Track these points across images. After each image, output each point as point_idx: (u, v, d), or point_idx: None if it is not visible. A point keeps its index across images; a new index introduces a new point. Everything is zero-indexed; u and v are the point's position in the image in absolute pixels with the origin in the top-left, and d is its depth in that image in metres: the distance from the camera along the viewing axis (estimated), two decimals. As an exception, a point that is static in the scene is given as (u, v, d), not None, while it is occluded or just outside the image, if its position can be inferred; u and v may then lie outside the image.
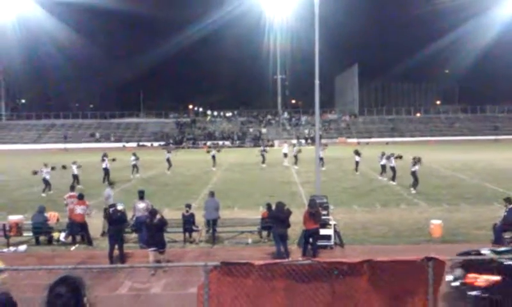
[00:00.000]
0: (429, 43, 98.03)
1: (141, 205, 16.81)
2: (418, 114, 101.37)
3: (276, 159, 44.18)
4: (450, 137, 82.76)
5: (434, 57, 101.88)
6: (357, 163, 35.60)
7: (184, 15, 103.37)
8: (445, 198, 24.70)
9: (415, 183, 26.88)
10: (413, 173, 27.02)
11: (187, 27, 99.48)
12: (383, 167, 32.23)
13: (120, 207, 15.22)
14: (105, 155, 33.26)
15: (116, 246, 14.58)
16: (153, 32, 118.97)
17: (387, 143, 75.32)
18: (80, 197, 17.56)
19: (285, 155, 42.68)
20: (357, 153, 35.68)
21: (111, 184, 20.87)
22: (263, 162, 41.77)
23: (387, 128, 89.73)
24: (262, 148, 46.02)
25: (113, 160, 37.32)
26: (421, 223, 18.78)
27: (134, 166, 36.04)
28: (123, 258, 14.60)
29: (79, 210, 16.95)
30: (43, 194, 27.80)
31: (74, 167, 30.92)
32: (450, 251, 14.43)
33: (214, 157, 40.93)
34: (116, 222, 14.71)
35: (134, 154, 36.77)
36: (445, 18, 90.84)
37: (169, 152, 40.55)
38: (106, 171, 32.68)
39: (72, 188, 20.96)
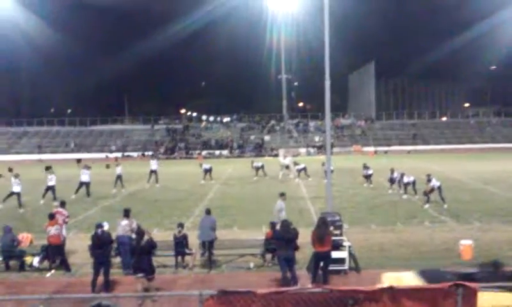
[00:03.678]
0: (457, 36, 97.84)
1: (124, 222, 16.74)
2: (443, 118, 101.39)
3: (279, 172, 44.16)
4: (480, 144, 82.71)
5: (462, 52, 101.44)
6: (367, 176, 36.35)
7: (175, 7, 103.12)
8: (476, 215, 24.63)
9: (428, 198, 27.40)
10: (425, 192, 27.66)
11: (178, 20, 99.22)
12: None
13: (106, 227, 15.27)
14: (87, 166, 33.63)
15: (102, 272, 14.59)
16: (139, 26, 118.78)
17: (409, 152, 75.33)
18: (51, 217, 17.49)
19: (287, 167, 43.55)
20: (366, 167, 36.75)
21: (282, 195, 19.91)
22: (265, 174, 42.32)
23: (408, 135, 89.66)
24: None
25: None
26: (449, 244, 18.75)
27: (118, 178, 36.18)
28: (108, 285, 14.59)
29: (53, 230, 16.91)
30: (21, 210, 28.28)
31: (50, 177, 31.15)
32: (483, 276, 14.41)
33: (206, 169, 41.09)
34: (103, 244, 14.74)
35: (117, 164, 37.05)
36: (474, 7, 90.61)
37: (155, 158, 40.63)
38: (87, 184, 32.95)
39: (62, 203, 20.67)
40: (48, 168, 31.82)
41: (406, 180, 30.87)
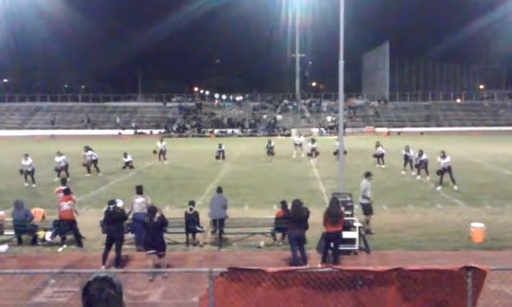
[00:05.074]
0: (472, 17, 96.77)
1: (139, 200, 16.83)
2: (458, 100, 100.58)
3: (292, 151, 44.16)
4: (495, 127, 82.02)
5: (477, 34, 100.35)
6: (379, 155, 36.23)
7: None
8: (488, 198, 24.48)
9: (441, 180, 27.37)
10: (439, 171, 27.53)
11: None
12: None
13: (119, 204, 15.35)
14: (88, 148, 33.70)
15: (114, 247, 14.72)
16: (153, 4, 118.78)
17: (422, 133, 74.93)
18: (67, 191, 17.60)
19: (301, 145, 43.33)
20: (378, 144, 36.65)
21: (368, 175, 19.34)
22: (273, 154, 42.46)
23: (422, 116, 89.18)
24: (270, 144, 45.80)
25: None
26: (460, 226, 18.68)
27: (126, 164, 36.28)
28: (119, 261, 14.69)
29: (65, 206, 17.01)
30: (34, 185, 28.73)
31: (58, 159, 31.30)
32: (493, 258, 14.39)
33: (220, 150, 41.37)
34: (116, 220, 14.85)
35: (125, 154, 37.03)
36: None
37: (163, 140, 40.92)
38: (95, 161, 33.24)
39: (63, 181, 20.98)
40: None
41: (424, 157, 30.45)
